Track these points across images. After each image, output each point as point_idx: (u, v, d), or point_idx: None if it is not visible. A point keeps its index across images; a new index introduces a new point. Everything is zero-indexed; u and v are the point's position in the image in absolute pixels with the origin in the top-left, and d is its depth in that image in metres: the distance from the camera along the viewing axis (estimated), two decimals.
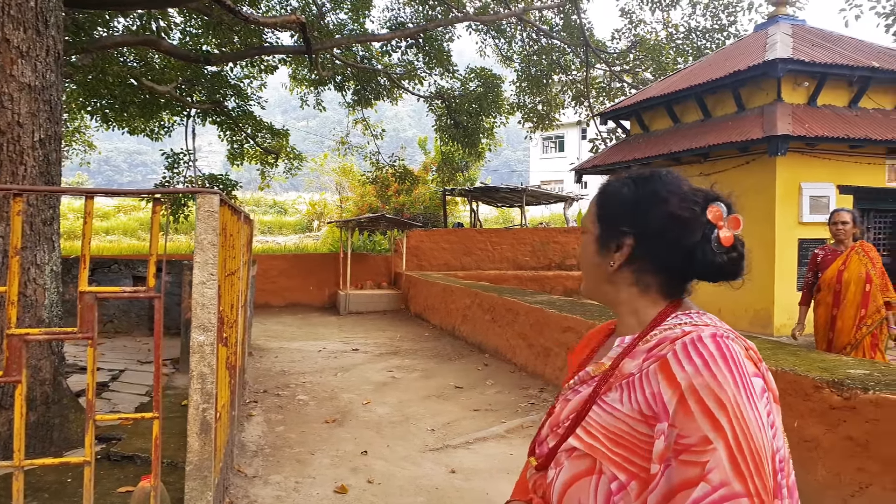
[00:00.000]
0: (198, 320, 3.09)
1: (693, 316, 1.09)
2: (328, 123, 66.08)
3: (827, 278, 5.11)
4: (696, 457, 0.93)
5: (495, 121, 17.65)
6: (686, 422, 0.95)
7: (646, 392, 1.01)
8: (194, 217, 3.35)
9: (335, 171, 29.22)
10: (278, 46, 14.52)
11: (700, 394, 0.95)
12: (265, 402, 6.76)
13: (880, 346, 5.16)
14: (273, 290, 14.98)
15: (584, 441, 1.07)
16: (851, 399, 3.57)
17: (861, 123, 9.05)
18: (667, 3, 16.29)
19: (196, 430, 3.12)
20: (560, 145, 44.27)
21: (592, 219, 1.22)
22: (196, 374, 3.10)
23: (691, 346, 1.00)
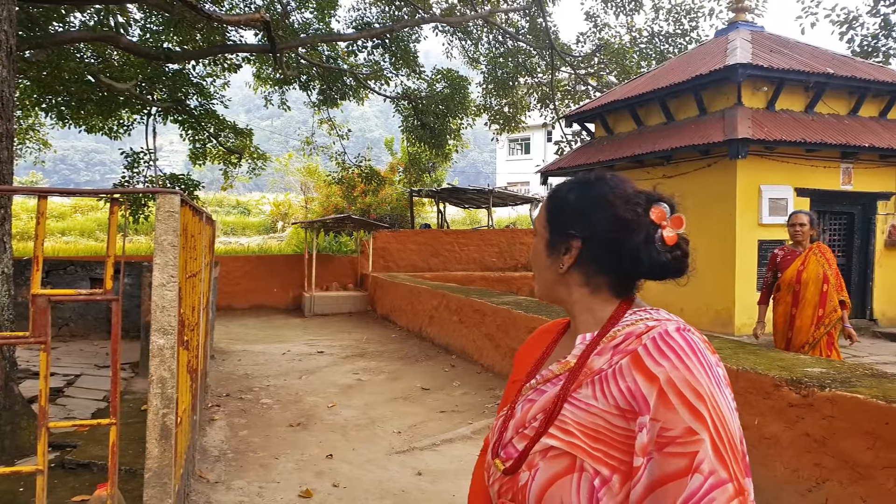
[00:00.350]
0: (157, 323, 3.01)
1: (650, 311, 1.13)
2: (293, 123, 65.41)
3: (787, 278, 5.23)
4: (682, 448, 0.96)
5: (462, 122, 17.66)
6: (668, 415, 0.98)
7: (620, 386, 1.03)
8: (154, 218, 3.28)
9: (300, 171, 28.90)
10: (242, 45, 14.31)
11: (679, 387, 0.98)
12: (228, 405, 6.64)
13: (836, 345, 5.30)
14: (236, 292, 14.75)
15: (562, 439, 1.07)
16: (809, 397, 3.65)
17: (817, 128, 9.30)
18: (631, 8, 16.53)
19: (156, 435, 3.04)
20: (526, 147, 44.56)
21: (543, 223, 1.24)
22: (156, 378, 3.02)
23: (661, 340, 1.04)
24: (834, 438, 3.45)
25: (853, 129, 9.52)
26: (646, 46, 17.05)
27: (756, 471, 3.71)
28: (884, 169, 10.05)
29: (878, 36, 13.31)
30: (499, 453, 1.19)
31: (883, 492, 3.20)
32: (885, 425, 3.24)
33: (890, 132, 9.89)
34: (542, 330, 1.38)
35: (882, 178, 10.07)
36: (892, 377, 3.89)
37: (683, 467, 0.96)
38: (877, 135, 9.58)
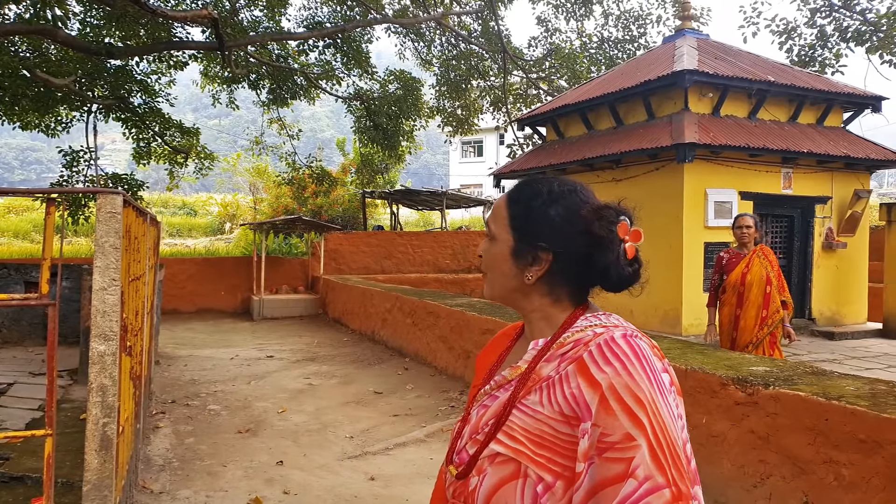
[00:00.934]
0: (98, 329, 2.89)
1: (601, 317, 1.13)
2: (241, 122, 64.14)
3: (732, 280, 5.37)
4: (620, 453, 0.97)
5: (415, 124, 17.62)
6: (608, 420, 0.98)
7: (565, 393, 1.04)
8: (95, 219, 3.14)
9: (249, 171, 28.37)
10: (189, 42, 13.95)
11: (619, 393, 0.99)
12: (174, 412, 6.46)
13: (778, 344, 5.46)
14: (182, 296, 14.36)
15: (508, 445, 1.07)
16: (754, 395, 3.75)
17: (759, 133, 9.60)
18: (581, 14, 16.78)
19: (95, 446, 2.91)
20: (479, 150, 44.82)
21: (504, 226, 1.20)
22: (95, 386, 2.90)
23: (605, 347, 1.04)
24: (777, 435, 3.54)
25: (793, 136, 9.88)
26: (595, 52, 17.34)
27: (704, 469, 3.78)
28: (821, 174, 10.46)
29: (814, 46, 13.87)
30: (453, 458, 1.19)
31: (823, 486, 3.29)
32: (824, 421, 3.34)
33: (826, 139, 10.30)
34: (501, 333, 1.37)
35: (819, 182, 10.48)
36: (832, 374, 4.02)
37: (620, 472, 0.96)
38: (814, 141, 9.97)
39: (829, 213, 10.46)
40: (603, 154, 10.03)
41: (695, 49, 10.24)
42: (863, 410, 3.20)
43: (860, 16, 13.21)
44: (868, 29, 12.89)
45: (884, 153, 10.43)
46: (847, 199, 10.55)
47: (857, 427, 3.18)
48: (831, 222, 10.43)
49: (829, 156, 9.81)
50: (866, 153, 10.19)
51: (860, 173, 10.80)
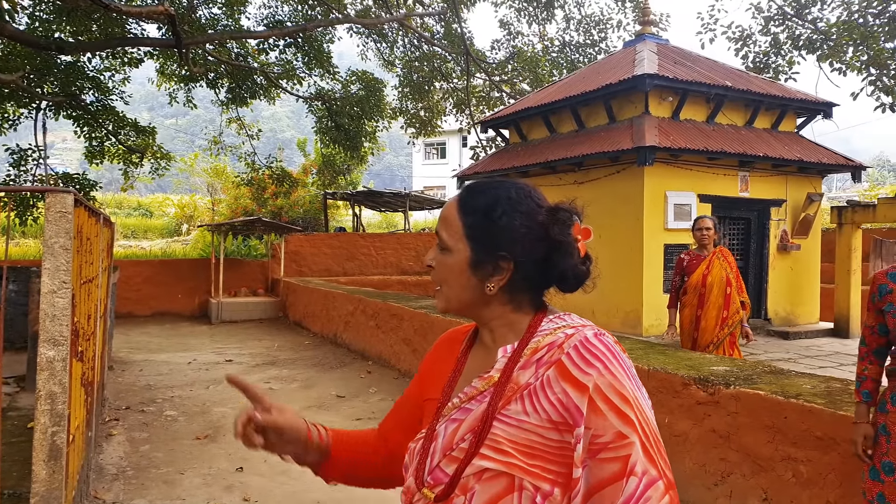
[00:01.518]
0: (47, 333, 2.76)
1: (565, 318, 1.12)
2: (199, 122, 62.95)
3: (693, 282, 5.44)
4: (614, 453, 0.98)
5: (378, 125, 17.52)
6: (598, 421, 0.99)
7: (550, 399, 1.02)
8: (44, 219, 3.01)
9: (206, 171, 27.81)
10: (145, 38, 13.60)
11: (605, 393, 1.00)
12: (128, 419, 6.29)
13: (737, 344, 5.56)
14: (137, 299, 13.99)
15: (497, 459, 1.03)
16: (715, 394, 3.79)
17: (717, 137, 9.80)
18: (543, 18, 16.91)
19: (43, 456, 2.79)
20: (442, 152, 44.84)
21: (459, 237, 1.13)
22: (44, 393, 2.77)
23: (582, 348, 1.04)
24: (738, 434, 3.59)
25: (749, 140, 10.11)
26: (557, 55, 17.49)
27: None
28: (776, 177, 10.73)
29: (768, 54, 14.26)
30: (425, 480, 1.12)
31: (782, 483, 3.35)
32: (783, 419, 3.40)
33: (781, 143, 10.56)
34: (446, 339, 1.32)
35: (774, 186, 10.74)
36: (789, 373, 4.10)
37: (617, 471, 0.97)
38: (770, 145, 10.21)
39: (784, 216, 10.73)
40: (565, 157, 10.11)
41: (655, 54, 10.41)
42: (819, 408, 3.26)
43: (812, 25, 13.63)
44: (819, 38, 13.31)
45: (835, 158, 10.75)
46: (801, 202, 10.85)
47: (814, 424, 3.24)
48: (786, 225, 10.71)
49: (784, 160, 10.07)
50: (819, 157, 10.50)
51: (813, 177, 11.12)
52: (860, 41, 12.14)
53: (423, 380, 1.30)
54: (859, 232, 10.65)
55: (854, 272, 10.57)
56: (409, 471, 1.17)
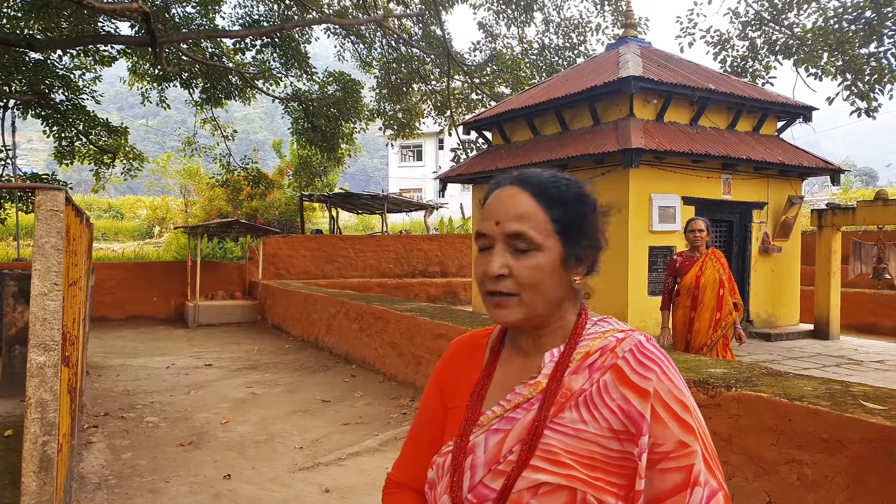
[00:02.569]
0: (38, 338, 2.62)
1: (608, 320, 1.10)
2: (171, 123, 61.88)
3: (686, 283, 5.43)
4: (676, 462, 0.94)
5: (355, 126, 17.39)
6: (658, 429, 0.95)
7: (610, 406, 0.98)
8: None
9: (180, 173, 27.37)
10: (118, 36, 13.30)
11: (666, 400, 0.96)
12: (107, 426, 6.10)
13: (729, 346, 5.57)
14: (112, 302, 13.65)
15: (557, 472, 0.96)
16: (716, 397, 3.76)
17: (701, 140, 9.87)
18: (522, 20, 16.94)
19: (34, 467, 2.64)
20: (418, 154, 44.77)
21: (547, 232, 1.04)
22: (34, 401, 2.63)
23: (638, 353, 1.00)
24: (740, 436, 3.56)
25: (732, 143, 10.20)
26: (537, 58, 17.54)
27: None
28: (758, 180, 10.85)
29: (746, 58, 14.48)
30: (465, 498, 1.02)
31: (786, 486, 3.32)
32: (787, 422, 3.37)
33: (762, 146, 10.68)
34: (462, 345, 1.24)
35: (756, 188, 10.86)
36: (788, 375, 4.10)
37: (680, 482, 0.94)
38: (752, 148, 10.32)
39: (766, 219, 10.86)
40: (550, 159, 10.09)
41: (639, 56, 10.45)
42: (825, 410, 3.24)
43: (788, 30, 13.86)
44: (795, 43, 13.54)
45: (815, 161, 10.91)
46: (782, 205, 10.98)
47: (820, 427, 3.22)
48: (767, 227, 10.83)
49: (766, 163, 10.18)
50: (799, 161, 10.64)
51: (793, 180, 11.27)
52: (835, 47, 12.38)
53: (442, 390, 1.20)
54: (839, 234, 10.82)
55: (834, 274, 10.73)
56: (441, 488, 1.06)
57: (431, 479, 1.09)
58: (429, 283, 16.24)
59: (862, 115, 12.66)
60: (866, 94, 12.47)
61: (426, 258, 17.04)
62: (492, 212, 1.06)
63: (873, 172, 53.44)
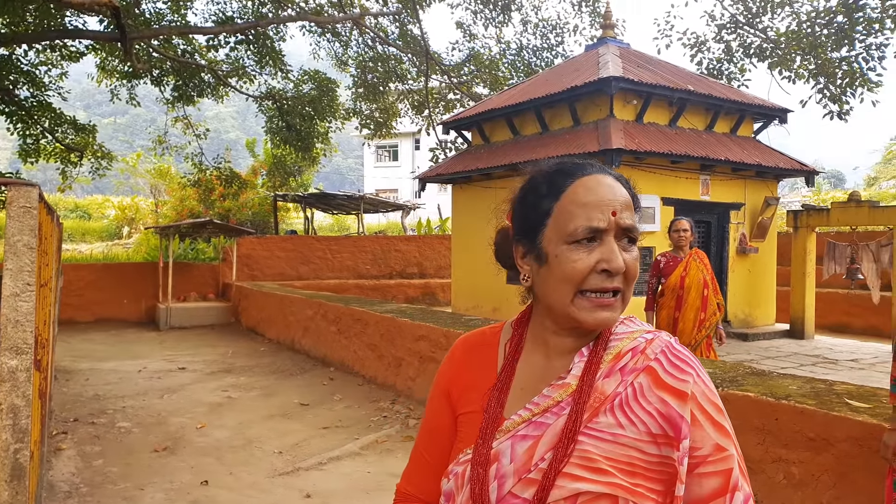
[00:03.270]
0: (9, 341, 2.49)
1: (635, 321, 1.06)
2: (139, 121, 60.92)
3: (671, 283, 5.43)
4: (714, 467, 0.92)
5: (330, 125, 17.23)
6: (696, 432, 0.93)
7: (647, 409, 0.94)
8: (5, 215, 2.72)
9: (150, 172, 26.88)
10: (87, 31, 12.99)
11: (701, 402, 0.94)
12: (77, 432, 5.92)
13: (712, 346, 5.58)
14: (80, 304, 13.31)
15: (597, 480, 0.91)
16: None
17: (680, 141, 9.93)
18: (499, 21, 16.96)
19: (6, 476, 2.51)
20: (394, 154, 44.56)
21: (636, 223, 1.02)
22: (6, 406, 2.50)
23: (670, 354, 0.98)
24: None
25: (710, 144, 10.29)
26: (515, 58, 17.57)
27: None
28: (735, 181, 10.96)
29: (721, 60, 14.68)
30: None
31: (773, 484, 3.32)
32: (774, 421, 3.37)
33: (740, 147, 10.80)
34: (470, 345, 1.15)
35: (734, 189, 10.97)
36: (772, 374, 4.11)
37: (718, 487, 0.92)
38: (729, 149, 10.42)
39: (743, 219, 10.97)
40: (530, 159, 10.08)
41: (618, 57, 10.49)
42: (812, 409, 3.25)
43: (762, 33, 14.05)
44: (769, 46, 13.74)
45: (790, 163, 11.06)
46: (758, 206, 11.11)
47: (807, 426, 3.23)
48: (744, 228, 10.94)
49: (744, 164, 10.28)
50: (776, 162, 10.77)
51: (769, 181, 11.41)
52: (808, 50, 12.57)
53: (450, 394, 1.12)
54: (814, 235, 10.98)
55: (809, 275, 10.88)
56: (461, 499, 0.99)
57: (448, 491, 1.03)
58: (407, 285, 16.14)
59: (834, 117, 12.89)
60: (838, 98, 12.70)
61: (404, 259, 16.94)
62: (604, 202, 0.97)
63: (841, 175, 54.76)
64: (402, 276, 16.77)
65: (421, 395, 6.69)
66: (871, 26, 12.10)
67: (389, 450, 5.44)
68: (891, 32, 12.03)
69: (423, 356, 6.68)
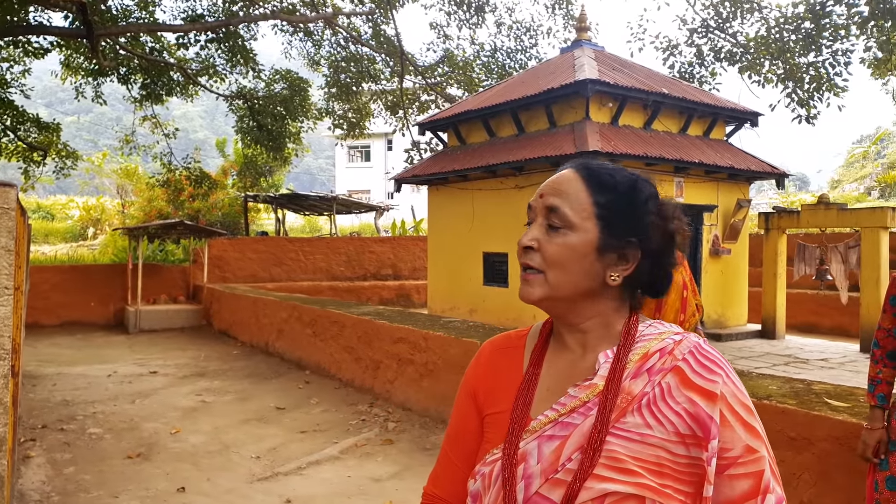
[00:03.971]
0: None
1: (661, 323, 1.05)
2: (104, 120, 59.60)
3: None
4: (745, 468, 0.92)
5: (302, 125, 17.06)
6: (726, 433, 0.92)
7: (675, 409, 0.94)
8: None
9: (116, 172, 26.32)
10: (52, 27, 12.65)
11: (731, 403, 0.94)
12: (46, 439, 5.77)
13: None
14: (44, 308, 12.93)
15: (624, 481, 0.91)
16: None
17: (655, 143, 10.04)
18: (473, 22, 16.98)
19: None
20: (367, 155, 44.26)
21: (586, 214, 1.01)
22: None
23: (699, 354, 0.97)
24: None
25: (684, 146, 10.42)
26: (489, 60, 17.61)
27: None
28: (708, 183, 11.13)
29: (693, 64, 14.91)
30: None
31: None
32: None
33: (713, 150, 10.97)
34: (496, 347, 1.16)
35: (707, 191, 11.13)
36: (751, 374, 4.17)
37: (749, 489, 0.91)
38: (703, 152, 10.57)
39: (716, 221, 11.13)
40: (506, 161, 10.10)
41: (593, 60, 10.56)
42: (793, 409, 3.29)
43: (732, 38, 14.32)
44: (739, 50, 14.00)
45: (762, 165, 11.26)
46: (731, 208, 11.29)
47: (788, 425, 3.26)
48: (717, 230, 11.10)
49: (717, 166, 10.44)
50: (748, 165, 10.95)
51: (741, 184, 11.60)
52: (777, 55, 12.84)
53: (476, 397, 1.13)
54: (784, 237, 11.19)
55: (780, 276, 11.08)
56: (488, 500, 0.99)
57: (475, 491, 1.03)
58: (381, 286, 16.04)
59: (803, 121, 13.18)
60: (806, 102, 12.99)
61: (378, 260, 16.85)
62: (541, 187, 1.07)
63: (806, 178, 56.16)
64: (376, 277, 16.68)
65: (400, 397, 6.64)
66: (837, 32, 12.42)
67: (369, 453, 5.38)
68: (856, 38, 12.37)
69: (401, 358, 6.63)
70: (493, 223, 11.11)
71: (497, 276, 11.15)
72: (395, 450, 5.46)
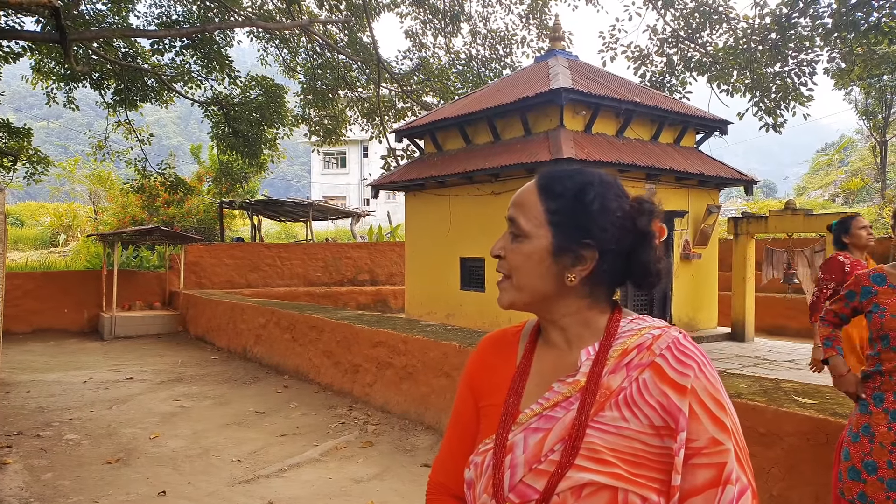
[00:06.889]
0: None
1: (644, 318, 1.09)
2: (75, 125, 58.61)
3: None
4: (708, 459, 0.95)
5: (278, 132, 17.00)
6: (693, 425, 0.95)
7: (650, 402, 0.98)
8: None
9: (88, 178, 25.93)
10: (24, 31, 12.49)
11: (702, 397, 0.97)
12: (22, 445, 5.71)
13: None
14: (17, 315, 12.73)
15: (601, 471, 0.96)
16: None
17: (627, 151, 10.25)
18: (448, 31, 17.10)
19: None
20: (342, 161, 44.14)
21: (538, 222, 1.07)
22: None
23: (676, 350, 1.01)
24: None
25: (655, 153, 10.64)
26: (464, 68, 17.74)
27: None
28: (679, 190, 11.37)
29: (664, 73, 15.19)
30: (506, 497, 1.02)
31: None
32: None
33: (683, 157, 11.21)
34: (492, 342, 1.23)
35: (678, 197, 11.37)
36: (723, 373, 4.29)
37: (710, 479, 0.95)
38: (674, 159, 10.80)
39: (686, 226, 11.37)
40: (483, 168, 10.21)
41: (567, 69, 10.74)
42: (763, 406, 3.40)
43: (702, 48, 14.64)
44: (708, 60, 14.32)
45: (731, 172, 11.54)
46: (701, 214, 11.54)
47: (758, 421, 3.37)
48: (688, 235, 11.34)
49: (687, 173, 10.67)
50: (717, 172, 11.22)
51: (711, 190, 11.87)
52: (744, 65, 13.16)
53: (473, 389, 1.20)
54: (753, 242, 11.46)
55: (749, 280, 11.34)
56: (480, 487, 1.05)
57: (469, 479, 1.08)
58: (358, 292, 16.05)
59: (770, 129, 13.52)
60: (773, 111, 13.32)
61: (355, 266, 16.85)
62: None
63: (773, 185, 57.28)
64: (353, 283, 16.68)
65: (379, 400, 6.70)
66: (802, 44, 12.76)
67: (350, 456, 5.42)
68: (820, 49, 12.73)
69: (380, 362, 6.69)
70: (470, 229, 11.23)
71: (474, 281, 11.26)
72: (375, 452, 5.51)
